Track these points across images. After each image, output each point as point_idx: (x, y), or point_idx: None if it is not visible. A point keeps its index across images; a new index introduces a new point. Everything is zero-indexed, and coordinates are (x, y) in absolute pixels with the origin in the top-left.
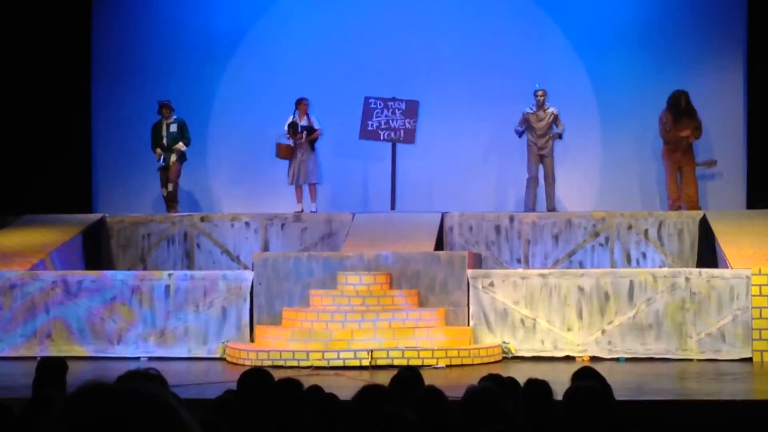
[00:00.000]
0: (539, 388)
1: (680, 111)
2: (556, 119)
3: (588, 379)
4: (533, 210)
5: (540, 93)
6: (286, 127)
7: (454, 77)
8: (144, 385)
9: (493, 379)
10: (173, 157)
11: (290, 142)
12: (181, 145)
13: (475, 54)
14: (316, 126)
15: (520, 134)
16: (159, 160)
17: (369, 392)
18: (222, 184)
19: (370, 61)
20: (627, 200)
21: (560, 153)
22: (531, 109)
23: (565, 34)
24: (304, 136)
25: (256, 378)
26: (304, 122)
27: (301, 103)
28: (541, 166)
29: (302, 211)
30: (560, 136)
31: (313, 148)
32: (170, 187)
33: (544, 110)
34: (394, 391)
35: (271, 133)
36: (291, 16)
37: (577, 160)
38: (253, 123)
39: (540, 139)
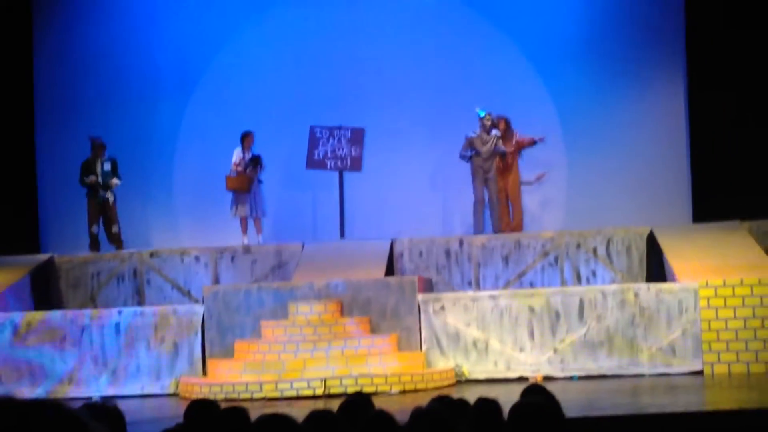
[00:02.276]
0: (488, 406)
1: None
2: (499, 141)
3: (535, 396)
4: (482, 233)
5: (487, 118)
6: (237, 160)
7: (399, 103)
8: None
9: (441, 401)
10: (111, 197)
11: (251, 174)
12: (116, 181)
13: (420, 78)
14: (256, 156)
15: (468, 159)
16: (96, 188)
17: (317, 418)
18: (169, 219)
19: (314, 89)
20: (578, 219)
21: (523, 172)
22: (474, 132)
23: (517, 52)
24: (259, 169)
25: (202, 408)
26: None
27: (247, 137)
28: (485, 189)
29: (247, 243)
30: (502, 154)
31: (260, 181)
32: (115, 228)
33: (488, 133)
34: (343, 417)
35: (217, 166)
36: (235, 48)
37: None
38: (198, 157)
39: (485, 162)
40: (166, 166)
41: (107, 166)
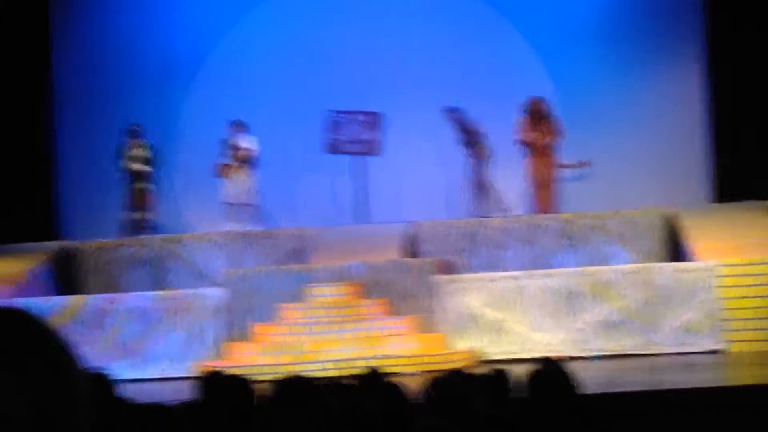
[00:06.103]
0: (497, 376)
1: (538, 117)
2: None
3: (547, 367)
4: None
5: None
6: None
7: (417, 87)
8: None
9: (457, 373)
10: (143, 184)
11: (227, 161)
12: (139, 167)
13: (438, 63)
14: (242, 144)
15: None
16: (131, 174)
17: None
18: (187, 204)
19: (330, 74)
20: (596, 201)
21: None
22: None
23: (526, 40)
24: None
25: (209, 379)
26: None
27: (233, 125)
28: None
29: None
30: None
31: (243, 168)
32: (148, 214)
33: None
34: (358, 389)
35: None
36: (253, 33)
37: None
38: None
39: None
40: (181, 150)
41: (141, 152)
